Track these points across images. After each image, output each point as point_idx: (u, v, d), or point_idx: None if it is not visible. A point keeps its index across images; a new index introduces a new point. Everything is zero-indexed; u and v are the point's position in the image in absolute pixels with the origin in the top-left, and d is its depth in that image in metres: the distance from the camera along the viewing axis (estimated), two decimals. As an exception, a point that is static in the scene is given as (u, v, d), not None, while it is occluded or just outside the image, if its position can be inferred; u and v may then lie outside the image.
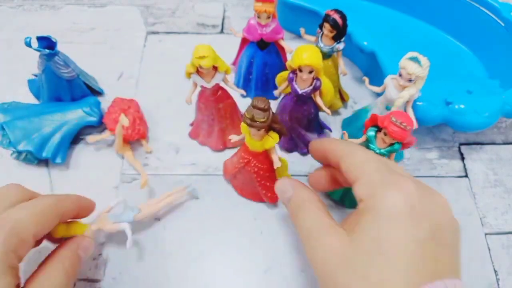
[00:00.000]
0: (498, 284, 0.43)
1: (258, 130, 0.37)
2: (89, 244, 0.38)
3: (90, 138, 0.49)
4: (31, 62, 0.60)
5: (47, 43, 0.48)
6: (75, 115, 0.50)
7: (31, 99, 0.56)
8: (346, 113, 0.55)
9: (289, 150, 0.52)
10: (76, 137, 0.51)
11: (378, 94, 0.48)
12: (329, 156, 0.36)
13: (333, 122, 0.54)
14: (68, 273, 0.34)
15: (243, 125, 0.39)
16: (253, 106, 0.36)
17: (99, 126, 0.52)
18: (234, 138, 0.43)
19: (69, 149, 0.51)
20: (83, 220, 0.40)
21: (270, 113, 0.37)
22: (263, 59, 0.52)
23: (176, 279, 0.43)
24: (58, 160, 0.49)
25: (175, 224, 0.46)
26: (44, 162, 0.50)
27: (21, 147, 0.47)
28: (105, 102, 0.54)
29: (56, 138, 0.49)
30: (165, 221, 0.46)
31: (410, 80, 0.42)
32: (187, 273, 0.43)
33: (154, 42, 0.63)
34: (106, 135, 0.50)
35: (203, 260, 0.44)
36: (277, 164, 0.41)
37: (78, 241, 0.38)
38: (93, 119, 0.51)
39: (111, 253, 0.44)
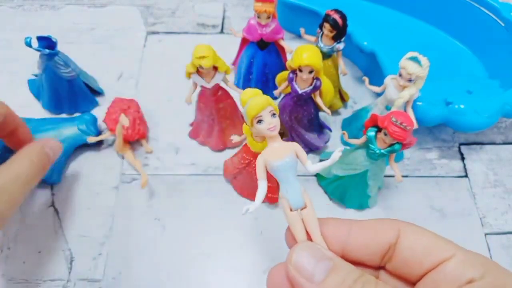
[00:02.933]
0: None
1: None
2: (56, 144, 0.39)
3: (90, 138, 0.49)
4: (31, 62, 0.60)
5: (47, 43, 0.48)
6: (71, 132, 0.49)
7: (31, 99, 0.56)
8: (346, 113, 0.55)
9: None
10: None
11: (378, 94, 0.48)
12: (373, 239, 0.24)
13: (333, 122, 0.54)
14: (34, 163, 0.35)
15: (245, 126, 0.39)
16: None
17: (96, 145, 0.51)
18: (235, 138, 0.43)
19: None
20: None
21: None
22: (263, 59, 0.52)
23: (176, 278, 0.43)
24: (53, 179, 0.47)
25: (175, 224, 0.46)
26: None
27: None
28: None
29: None
30: (165, 221, 0.46)
31: (410, 80, 0.42)
32: (187, 273, 0.43)
33: (154, 42, 0.63)
34: (106, 135, 0.50)
35: (203, 260, 0.44)
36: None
37: (44, 141, 0.39)
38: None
39: (111, 253, 0.44)
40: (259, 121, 0.25)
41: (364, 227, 0.24)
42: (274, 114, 0.25)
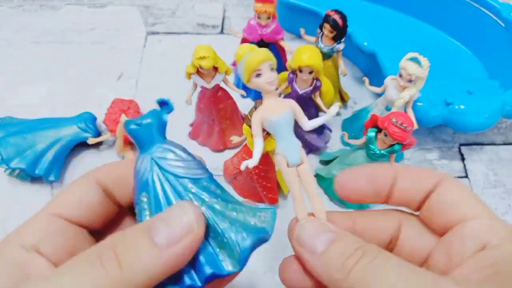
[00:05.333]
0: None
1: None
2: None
3: (90, 140, 0.49)
4: (31, 62, 0.60)
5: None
6: (70, 131, 0.49)
7: (31, 99, 0.56)
8: (346, 113, 0.55)
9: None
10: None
11: (378, 95, 0.48)
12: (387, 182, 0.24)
13: (333, 123, 0.54)
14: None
15: (245, 127, 0.39)
16: (256, 108, 0.36)
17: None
18: (235, 139, 0.43)
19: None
20: None
21: None
22: (263, 59, 0.52)
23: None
24: (52, 177, 0.47)
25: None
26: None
27: (13, 164, 0.46)
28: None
29: (50, 155, 0.47)
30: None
31: (410, 81, 0.42)
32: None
33: (154, 42, 0.63)
34: (106, 136, 0.50)
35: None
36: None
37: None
38: (88, 135, 0.50)
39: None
40: (258, 75, 0.24)
41: (409, 173, 0.24)
42: (272, 69, 0.25)
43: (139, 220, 0.21)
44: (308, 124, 0.26)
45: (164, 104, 0.24)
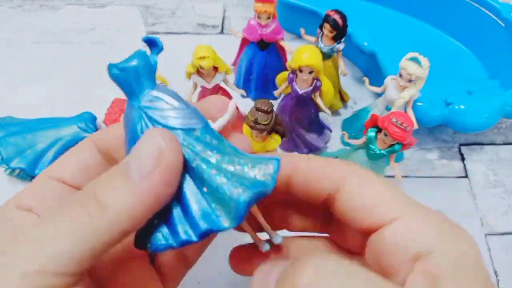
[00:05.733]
0: (498, 285, 0.43)
1: (261, 132, 0.37)
2: None
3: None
4: (31, 62, 0.60)
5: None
6: (70, 131, 0.49)
7: (30, 99, 0.56)
8: (346, 113, 0.55)
9: (289, 150, 0.52)
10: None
11: (378, 95, 0.48)
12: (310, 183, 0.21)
13: (333, 123, 0.54)
14: None
15: (245, 127, 0.39)
16: (257, 108, 0.36)
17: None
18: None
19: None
20: None
21: (273, 116, 0.37)
22: (263, 59, 0.52)
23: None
24: None
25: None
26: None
27: (13, 164, 0.46)
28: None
29: (50, 155, 0.47)
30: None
31: (410, 81, 0.42)
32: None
33: (154, 42, 0.63)
34: (106, 135, 0.50)
35: (202, 260, 0.44)
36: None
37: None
38: (88, 135, 0.49)
39: (111, 254, 0.44)
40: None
41: (310, 167, 0.21)
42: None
43: None
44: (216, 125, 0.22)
45: (152, 43, 0.21)
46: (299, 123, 0.48)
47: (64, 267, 0.16)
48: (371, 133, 0.40)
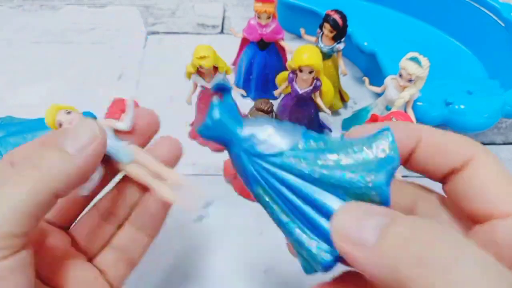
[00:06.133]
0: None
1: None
2: None
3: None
4: (31, 62, 0.60)
5: None
6: None
7: (30, 99, 0.56)
8: (346, 113, 0.55)
9: (289, 150, 0.52)
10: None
11: (378, 95, 0.48)
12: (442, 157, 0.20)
13: (333, 122, 0.54)
14: None
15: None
16: (256, 108, 0.36)
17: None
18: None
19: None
20: None
21: (273, 115, 0.37)
22: (263, 59, 0.52)
23: (175, 278, 0.43)
24: None
25: (174, 224, 0.46)
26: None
27: None
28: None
29: None
30: (165, 221, 0.46)
31: (410, 81, 0.42)
32: (186, 273, 0.43)
33: (154, 42, 0.63)
34: (106, 135, 0.50)
35: (202, 260, 0.44)
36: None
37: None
38: None
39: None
40: (60, 125, 0.26)
41: (434, 138, 0.20)
42: (69, 113, 0.26)
43: (271, 214, 0.20)
44: (124, 125, 0.27)
45: (222, 88, 0.22)
46: (299, 123, 0.48)
47: (11, 226, 0.18)
48: (371, 133, 0.40)
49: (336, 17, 0.45)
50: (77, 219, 0.27)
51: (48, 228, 0.25)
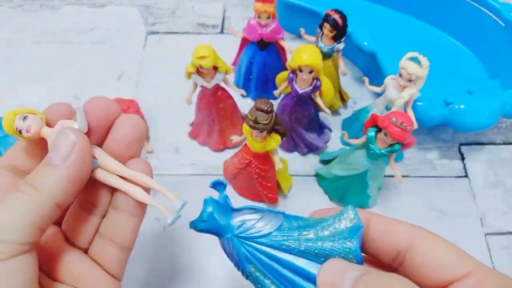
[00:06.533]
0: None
1: (261, 132, 0.37)
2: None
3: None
4: (31, 62, 0.60)
5: None
6: None
7: (30, 99, 0.56)
8: (346, 113, 0.55)
9: (289, 150, 0.52)
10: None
11: (378, 94, 0.48)
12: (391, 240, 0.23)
13: (333, 122, 0.54)
14: None
15: (245, 126, 0.39)
16: (256, 108, 0.36)
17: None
18: (235, 138, 0.43)
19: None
20: None
21: (273, 115, 0.37)
22: (263, 59, 0.52)
23: (175, 279, 0.43)
24: None
25: (175, 224, 0.46)
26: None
27: None
28: None
29: None
30: (164, 221, 0.46)
31: (410, 80, 0.42)
32: (186, 273, 0.43)
33: (154, 42, 0.63)
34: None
35: (202, 260, 0.44)
36: (278, 166, 0.41)
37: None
38: None
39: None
40: (20, 132, 0.25)
41: (381, 223, 0.23)
42: (25, 118, 0.25)
43: (261, 286, 0.23)
44: (78, 127, 0.26)
45: (217, 185, 0.26)
46: (299, 123, 0.48)
47: (14, 236, 0.21)
48: (371, 132, 0.40)
49: (336, 17, 0.45)
50: (66, 214, 0.28)
51: None
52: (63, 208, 0.23)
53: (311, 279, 0.22)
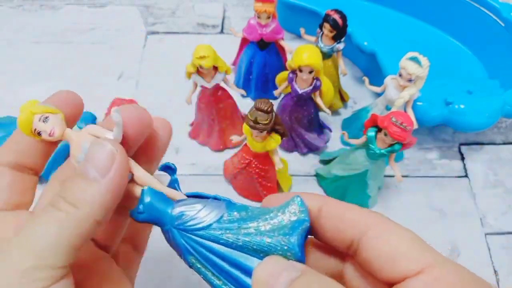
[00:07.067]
0: (498, 284, 0.43)
1: (261, 132, 0.37)
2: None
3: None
4: (31, 62, 0.60)
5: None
6: None
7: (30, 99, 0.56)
8: (346, 113, 0.55)
9: (289, 150, 0.52)
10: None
11: (378, 94, 0.48)
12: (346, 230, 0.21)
13: (333, 122, 0.54)
14: None
15: (245, 126, 0.39)
16: (256, 108, 0.36)
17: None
18: (235, 138, 0.43)
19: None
20: None
21: (273, 115, 0.37)
22: (263, 59, 0.52)
23: (175, 279, 0.43)
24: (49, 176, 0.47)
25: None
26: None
27: None
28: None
29: None
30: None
31: (410, 80, 0.42)
32: (186, 273, 0.43)
33: (154, 42, 0.63)
34: (106, 135, 0.50)
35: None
36: (278, 166, 0.41)
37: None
38: None
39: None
40: (39, 133, 0.23)
41: (334, 208, 0.22)
42: (46, 118, 0.24)
43: (205, 279, 0.22)
44: (113, 137, 0.23)
45: (167, 168, 0.24)
46: (299, 123, 0.48)
47: (54, 259, 0.19)
48: (371, 132, 0.40)
49: (336, 17, 0.45)
50: None
51: None
52: (102, 225, 0.21)
53: (250, 274, 0.21)
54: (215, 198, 0.23)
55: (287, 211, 0.21)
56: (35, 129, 0.23)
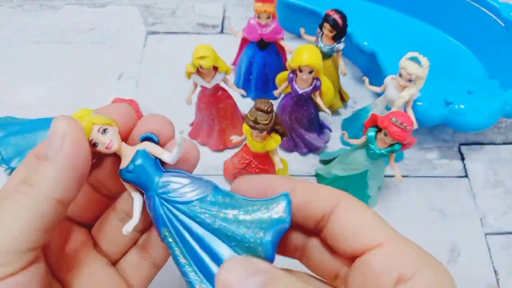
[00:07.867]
0: (498, 284, 0.43)
1: (261, 132, 0.37)
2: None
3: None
4: (31, 62, 0.60)
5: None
6: None
7: (30, 99, 0.56)
8: (346, 113, 0.55)
9: (289, 150, 0.52)
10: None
11: (378, 94, 0.48)
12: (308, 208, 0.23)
13: (333, 122, 0.54)
14: None
15: (245, 126, 0.39)
16: (256, 108, 0.36)
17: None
18: (235, 138, 0.43)
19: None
20: None
21: (273, 115, 0.37)
22: (263, 59, 0.52)
23: (175, 280, 0.43)
24: None
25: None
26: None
27: (13, 164, 0.46)
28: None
29: None
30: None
31: (410, 80, 0.42)
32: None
33: (154, 42, 0.63)
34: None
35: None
36: (278, 166, 0.41)
37: None
38: None
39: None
40: (94, 144, 0.23)
41: (306, 189, 0.23)
42: (105, 130, 0.23)
43: (172, 255, 0.22)
44: (170, 158, 0.23)
45: (148, 139, 0.24)
46: (299, 123, 0.48)
47: (15, 244, 0.19)
48: (371, 132, 0.40)
49: (336, 17, 0.45)
50: (98, 220, 0.27)
51: (71, 227, 0.25)
52: (67, 205, 0.21)
53: (217, 260, 0.21)
54: (201, 179, 0.23)
55: (271, 208, 0.21)
56: (91, 140, 0.22)
